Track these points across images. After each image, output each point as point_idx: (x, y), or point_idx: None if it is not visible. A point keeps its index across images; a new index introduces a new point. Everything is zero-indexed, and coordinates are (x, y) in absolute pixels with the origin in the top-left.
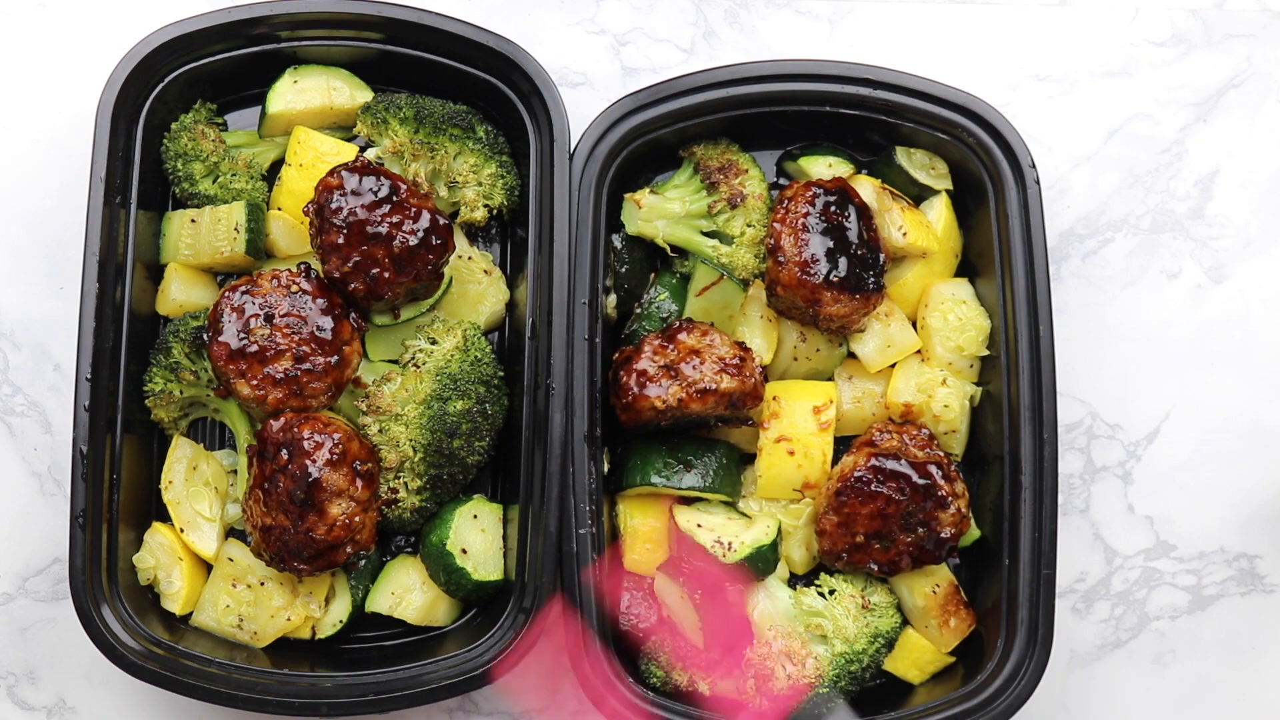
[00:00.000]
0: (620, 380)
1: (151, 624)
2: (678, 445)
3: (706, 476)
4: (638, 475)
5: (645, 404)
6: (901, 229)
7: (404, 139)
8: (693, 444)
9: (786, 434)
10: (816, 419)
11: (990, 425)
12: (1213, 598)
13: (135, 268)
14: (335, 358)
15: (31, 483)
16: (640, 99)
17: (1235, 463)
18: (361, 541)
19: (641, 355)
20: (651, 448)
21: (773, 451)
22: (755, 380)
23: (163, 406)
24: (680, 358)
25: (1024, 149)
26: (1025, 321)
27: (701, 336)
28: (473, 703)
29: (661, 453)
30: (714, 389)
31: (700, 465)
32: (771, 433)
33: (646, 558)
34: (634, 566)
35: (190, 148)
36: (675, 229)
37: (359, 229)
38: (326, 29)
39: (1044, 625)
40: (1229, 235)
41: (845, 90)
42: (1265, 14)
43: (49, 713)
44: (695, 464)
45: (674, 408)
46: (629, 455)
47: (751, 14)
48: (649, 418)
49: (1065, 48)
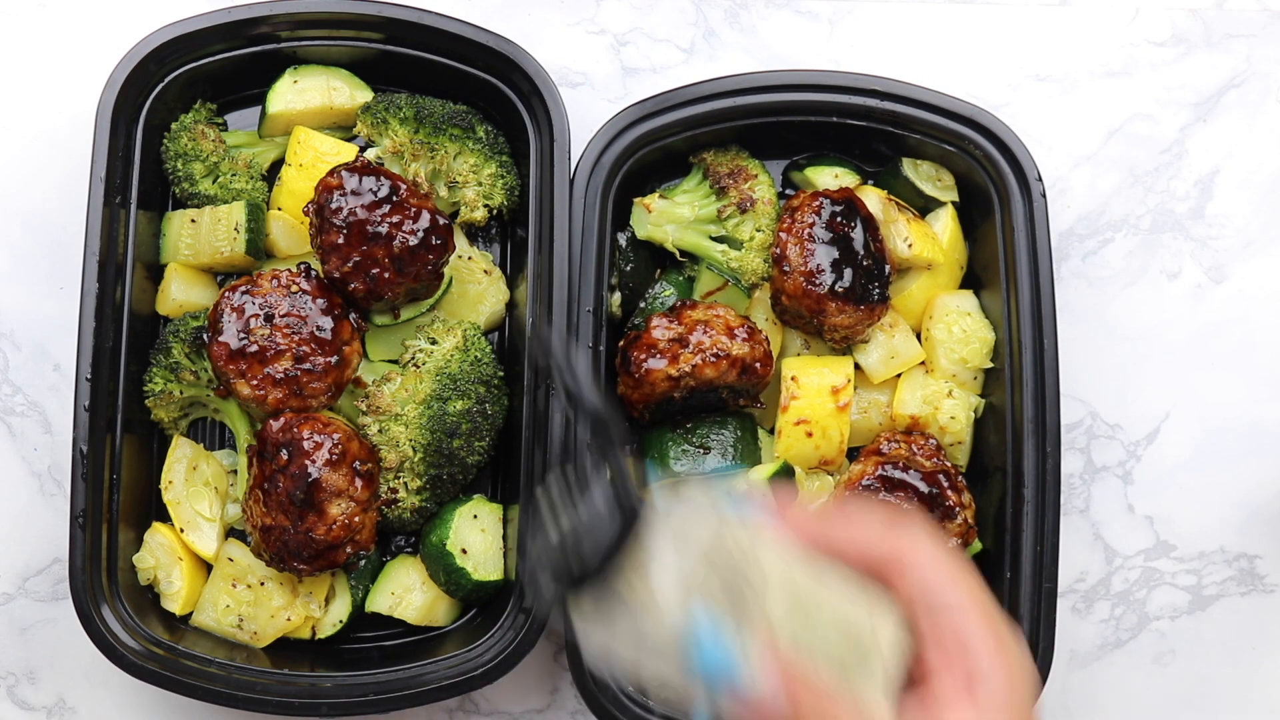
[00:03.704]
0: (631, 357)
1: (151, 624)
2: (691, 430)
3: (727, 454)
4: (659, 468)
5: (658, 375)
6: (907, 240)
7: (404, 139)
8: (704, 425)
9: (806, 416)
10: (835, 399)
11: (993, 437)
12: (1213, 598)
13: (135, 268)
14: (335, 358)
15: (31, 483)
16: (645, 108)
17: (1235, 463)
18: (361, 541)
19: (650, 331)
20: (665, 438)
21: (792, 434)
22: (765, 348)
23: (163, 406)
24: (689, 329)
25: (1030, 162)
26: (1029, 335)
27: (707, 310)
28: (473, 703)
29: (677, 440)
30: (726, 353)
31: (718, 444)
32: (790, 415)
33: None
34: None
35: (190, 148)
36: (684, 234)
37: (359, 229)
38: (326, 29)
39: (1045, 638)
40: (1229, 235)
41: (852, 101)
42: (1265, 14)
43: (49, 713)
44: (713, 444)
45: (688, 374)
46: (645, 451)
47: (751, 14)
48: (663, 390)
49: (1065, 48)
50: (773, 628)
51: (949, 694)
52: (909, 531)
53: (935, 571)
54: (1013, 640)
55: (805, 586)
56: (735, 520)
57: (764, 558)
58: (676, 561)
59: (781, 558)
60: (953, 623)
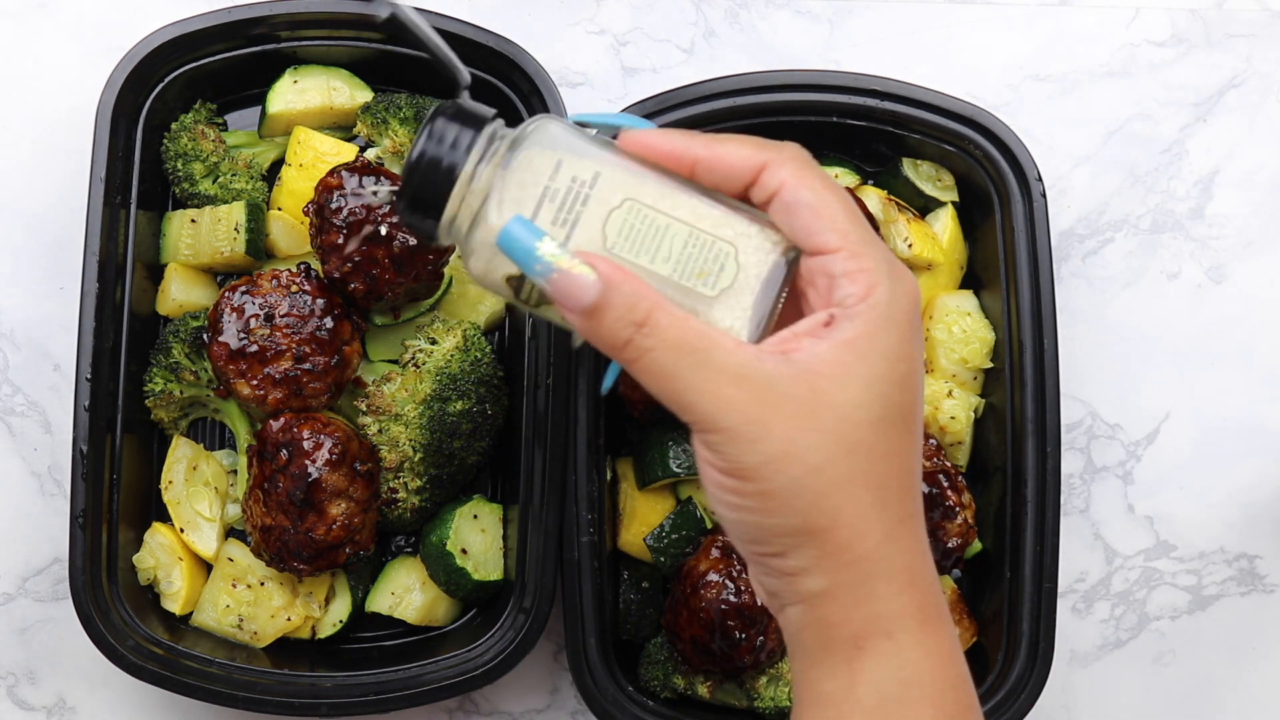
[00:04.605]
0: None
1: (151, 624)
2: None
3: None
4: (658, 469)
5: None
6: (907, 240)
7: (404, 139)
8: None
9: None
10: None
11: (993, 437)
12: (1213, 598)
13: (135, 268)
14: (335, 358)
15: (31, 483)
16: (645, 108)
17: (1235, 463)
18: (361, 542)
19: None
20: (665, 438)
21: None
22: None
23: (163, 406)
24: None
25: (1030, 162)
26: (1030, 335)
27: None
28: (473, 703)
29: (678, 440)
30: None
31: None
32: None
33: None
34: (627, 547)
35: (190, 148)
36: None
37: (359, 229)
38: (326, 29)
39: (1044, 639)
40: (1229, 235)
41: (852, 101)
42: (1265, 14)
43: (49, 713)
44: None
45: None
46: (645, 451)
47: (751, 14)
48: None
49: (1065, 48)
50: (605, 240)
51: (807, 324)
52: (777, 146)
53: (793, 170)
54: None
55: (652, 209)
56: (581, 152)
57: (605, 185)
58: (512, 185)
59: (628, 185)
60: (808, 226)
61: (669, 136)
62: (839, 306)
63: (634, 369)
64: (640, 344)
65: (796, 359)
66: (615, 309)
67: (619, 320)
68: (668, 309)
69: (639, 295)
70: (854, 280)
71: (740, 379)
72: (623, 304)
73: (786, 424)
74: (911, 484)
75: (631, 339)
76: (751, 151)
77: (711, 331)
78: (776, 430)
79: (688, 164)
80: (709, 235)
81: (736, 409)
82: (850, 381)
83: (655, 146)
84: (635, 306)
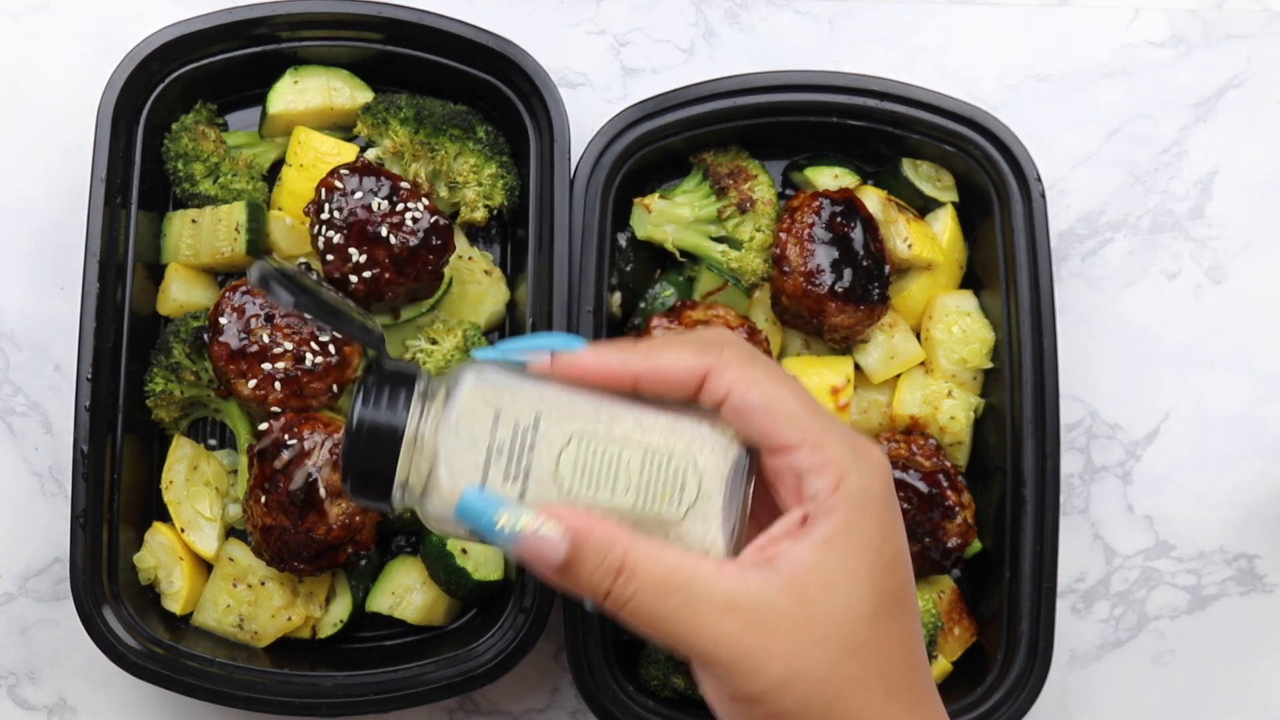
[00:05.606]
0: None
1: (152, 624)
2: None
3: None
4: None
5: None
6: (907, 241)
7: (404, 139)
8: None
9: None
10: (835, 399)
11: (992, 438)
12: (1213, 598)
13: (136, 268)
14: (335, 358)
15: (32, 483)
16: (645, 108)
17: (1235, 463)
18: (361, 541)
19: (650, 332)
20: None
21: None
22: (765, 348)
23: (163, 407)
24: (689, 330)
25: (1030, 163)
26: (1029, 335)
27: (707, 310)
28: (473, 703)
29: None
30: None
31: None
32: None
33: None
34: None
35: (191, 148)
36: (684, 234)
37: (359, 229)
38: (327, 29)
39: (1044, 639)
40: (1229, 235)
41: (852, 101)
42: (1265, 14)
43: (49, 712)
44: None
45: None
46: None
47: (751, 14)
48: None
49: (1065, 48)
50: (561, 485)
51: (783, 526)
52: (716, 344)
53: (737, 371)
54: (834, 432)
55: (601, 437)
56: (515, 392)
57: (547, 424)
58: (458, 448)
59: (569, 418)
60: (764, 429)
61: (603, 357)
62: (812, 501)
63: (620, 617)
64: (621, 593)
65: (780, 567)
66: (588, 561)
67: (595, 572)
68: (641, 549)
69: (610, 542)
70: (821, 474)
71: (730, 609)
72: (595, 555)
73: (784, 645)
74: (917, 665)
75: (611, 589)
76: (692, 359)
77: (688, 561)
78: (775, 654)
79: (627, 382)
80: (663, 451)
81: (732, 642)
82: (837, 581)
83: (591, 369)
84: (609, 555)
